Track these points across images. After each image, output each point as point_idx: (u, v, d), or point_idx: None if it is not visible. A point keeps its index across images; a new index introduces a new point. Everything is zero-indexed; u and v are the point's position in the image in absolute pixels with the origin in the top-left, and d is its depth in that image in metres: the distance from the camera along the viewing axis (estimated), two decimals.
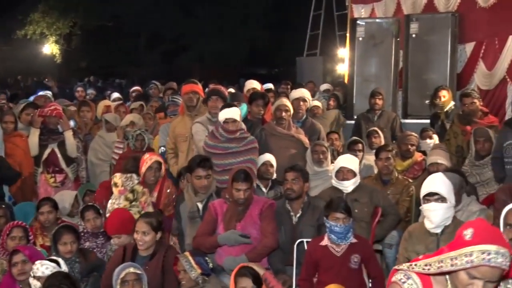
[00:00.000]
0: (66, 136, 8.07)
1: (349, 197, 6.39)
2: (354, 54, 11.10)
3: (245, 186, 5.85)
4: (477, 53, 10.64)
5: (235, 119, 6.88)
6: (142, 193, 6.68)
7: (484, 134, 7.35)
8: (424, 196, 5.09)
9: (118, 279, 5.09)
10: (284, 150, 7.43)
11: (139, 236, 5.58)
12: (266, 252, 5.87)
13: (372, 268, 5.59)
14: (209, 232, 5.92)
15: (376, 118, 9.28)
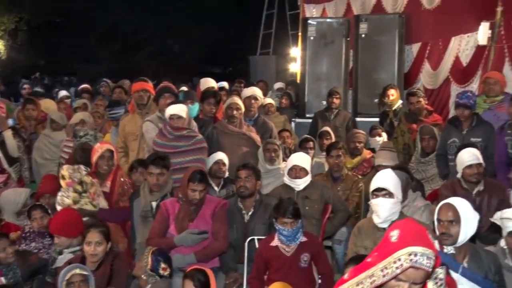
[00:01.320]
0: (5, 136, 7.90)
1: (300, 195, 6.44)
2: (306, 53, 11.14)
3: (201, 187, 5.79)
4: (422, 54, 10.80)
5: (180, 116, 6.84)
6: (91, 184, 6.43)
7: (429, 132, 7.50)
8: (373, 192, 5.15)
9: (64, 280, 4.96)
10: (236, 148, 7.41)
11: (92, 247, 5.34)
12: (215, 255, 5.85)
13: (322, 265, 5.62)
14: (162, 232, 5.85)
15: (332, 117, 9.37)
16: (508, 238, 4.64)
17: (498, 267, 4.52)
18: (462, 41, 9.66)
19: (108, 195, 6.60)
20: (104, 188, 6.63)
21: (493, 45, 8.69)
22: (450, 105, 9.56)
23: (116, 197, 6.63)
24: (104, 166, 6.67)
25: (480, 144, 6.79)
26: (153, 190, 6.22)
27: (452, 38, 9.87)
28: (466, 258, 4.47)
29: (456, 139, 7.16)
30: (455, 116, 7.43)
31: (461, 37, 9.68)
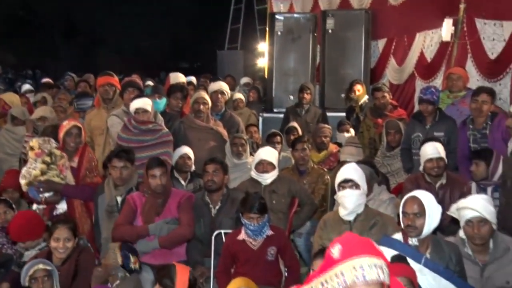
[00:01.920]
0: None
1: (267, 189, 6.50)
2: (273, 49, 11.15)
3: (160, 171, 5.83)
4: (388, 49, 10.91)
5: (146, 109, 6.87)
6: (61, 157, 6.32)
7: (395, 126, 7.61)
8: (339, 184, 5.23)
9: (27, 276, 4.95)
10: (203, 143, 7.44)
11: (60, 244, 5.30)
12: (178, 241, 5.85)
13: (288, 258, 5.69)
14: (129, 223, 5.86)
15: (303, 112, 9.37)
16: (466, 226, 4.73)
17: (459, 257, 4.62)
18: (426, 37, 9.78)
19: (76, 170, 6.50)
20: (72, 164, 6.50)
21: (456, 42, 8.81)
22: (415, 100, 9.60)
23: (83, 172, 6.53)
24: (71, 143, 6.49)
25: (443, 138, 6.90)
26: (118, 185, 6.21)
27: (417, 34, 10.00)
28: (429, 249, 4.57)
29: (420, 134, 7.26)
30: (419, 111, 7.50)
31: (425, 33, 9.80)
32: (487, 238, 4.71)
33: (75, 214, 6.39)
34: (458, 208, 4.82)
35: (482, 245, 4.73)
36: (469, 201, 4.75)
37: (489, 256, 4.72)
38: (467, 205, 4.72)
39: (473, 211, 4.66)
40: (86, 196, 6.52)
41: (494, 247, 4.75)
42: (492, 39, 8.16)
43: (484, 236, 4.68)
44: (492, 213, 4.69)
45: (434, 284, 4.37)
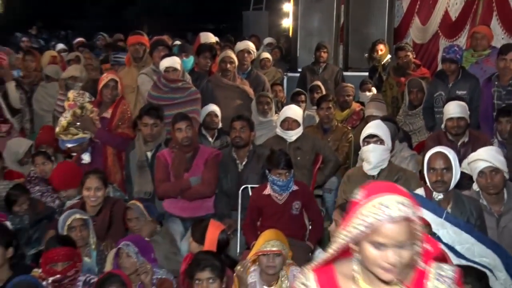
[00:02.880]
0: (8, 87, 7.90)
1: (292, 146, 6.53)
2: (298, 9, 11.11)
3: (185, 124, 5.91)
4: (412, 9, 10.80)
5: (175, 68, 6.88)
6: (91, 111, 6.51)
7: (417, 85, 7.55)
8: (364, 139, 5.24)
9: (65, 225, 5.03)
10: (230, 101, 7.47)
11: (92, 193, 5.44)
12: (197, 197, 5.96)
13: (312, 212, 5.74)
14: (168, 179, 5.97)
15: (321, 70, 9.36)
16: (478, 178, 4.73)
17: (480, 211, 4.63)
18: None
19: (109, 120, 6.66)
20: (106, 114, 6.69)
21: (482, 1, 8.69)
22: (438, 59, 9.54)
23: (115, 123, 6.68)
24: (108, 95, 6.72)
25: (465, 96, 6.83)
26: (147, 141, 6.28)
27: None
28: (450, 204, 4.58)
29: (442, 92, 7.19)
30: (442, 70, 7.46)
31: None
32: (501, 187, 4.73)
33: (107, 162, 6.55)
34: (469, 162, 4.83)
35: (497, 194, 4.75)
36: (479, 153, 4.76)
37: (504, 207, 4.74)
38: (478, 157, 4.73)
39: (484, 161, 4.67)
40: (117, 144, 6.65)
41: (508, 197, 4.77)
42: None
43: (497, 185, 4.69)
44: (503, 162, 4.70)
45: (455, 237, 4.38)
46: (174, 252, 5.41)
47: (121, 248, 4.59)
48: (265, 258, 4.38)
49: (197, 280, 4.06)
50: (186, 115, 6.08)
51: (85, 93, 6.69)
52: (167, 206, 6.02)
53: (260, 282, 4.46)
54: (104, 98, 6.73)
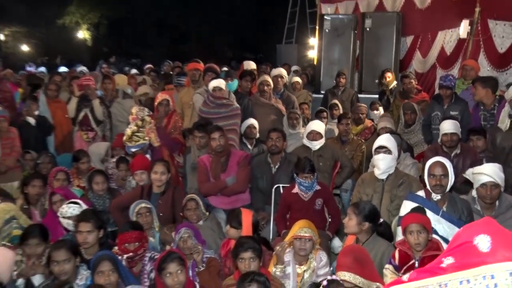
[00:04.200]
0: (94, 104, 7.98)
1: (316, 153, 6.51)
2: (322, 43, 11.05)
3: (218, 134, 5.94)
4: (415, 44, 10.69)
5: (220, 88, 6.94)
6: (149, 123, 6.67)
7: (410, 108, 7.48)
8: (376, 149, 5.23)
9: (134, 212, 5.14)
10: (266, 116, 7.47)
11: (158, 176, 5.61)
12: (232, 194, 5.98)
13: (331, 208, 5.72)
14: (208, 180, 6.00)
15: (340, 92, 9.31)
16: (480, 188, 4.66)
17: (469, 211, 4.58)
18: (446, 35, 9.57)
19: (164, 129, 6.94)
20: (162, 124, 6.95)
21: (472, 39, 8.60)
22: (435, 85, 9.47)
23: (169, 130, 7.00)
24: (162, 110, 7.07)
25: (457, 116, 6.75)
26: (199, 149, 6.34)
27: (439, 32, 9.78)
28: (445, 204, 4.53)
29: (438, 113, 7.12)
30: (438, 94, 7.38)
31: (446, 32, 9.59)
32: (496, 199, 4.66)
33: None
34: (474, 173, 4.75)
35: (491, 203, 4.68)
36: (485, 168, 4.66)
37: (495, 212, 4.65)
38: (483, 171, 4.64)
39: (488, 176, 4.60)
40: (171, 146, 6.82)
41: (499, 204, 4.69)
42: (501, 36, 7.95)
43: (494, 197, 4.64)
44: (502, 179, 4.63)
45: (449, 231, 4.35)
46: (220, 238, 5.43)
47: (181, 231, 4.63)
48: (299, 242, 4.41)
49: (241, 259, 4.08)
50: (219, 127, 6.10)
51: (145, 108, 6.88)
52: (211, 200, 6.03)
53: (293, 261, 4.47)
54: (160, 113, 7.03)
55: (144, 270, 4.50)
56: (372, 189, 5.22)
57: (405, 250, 4.08)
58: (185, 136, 7.11)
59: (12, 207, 5.24)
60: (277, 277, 4.36)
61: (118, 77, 9.90)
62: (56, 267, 4.03)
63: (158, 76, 11.24)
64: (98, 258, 4.01)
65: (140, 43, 29.41)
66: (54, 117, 7.89)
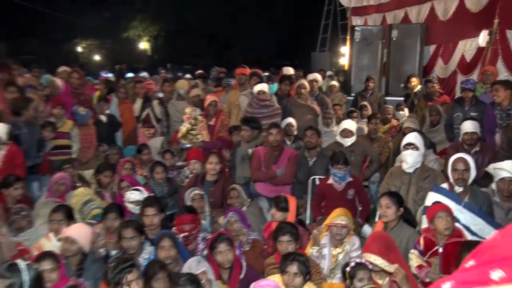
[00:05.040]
0: (154, 104, 8.08)
1: (348, 149, 6.42)
2: (353, 51, 10.92)
3: (275, 131, 5.94)
4: (437, 52, 10.43)
5: (264, 91, 6.96)
6: (201, 121, 6.78)
7: (435, 110, 7.32)
8: (404, 145, 5.13)
9: (189, 198, 5.19)
10: (303, 116, 7.41)
11: (212, 166, 5.65)
12: (280, 184, 5.96)
13: (362, 197, 5.65)
14: (260, 168, 5.99)
15: (368, 95, 9.18)
16: (499, 182, 4.56)
17: (489, 202, 4.48)
18: (467, 44, 9.34)
19: (213, 127, 6.94)
20: (211, 122, 6.96)
21: (490, 47, 8.36)
22: (456, 89, 9.27)
23: (218, 128, 6.97)
24: (211, 110, 7.03)
25: (477, 117, 6.58)
26: (248, 142, 6.33)
27: (460, 41, 9.55)
28: (467, 196, 4.43)
29: (459, 114, 6.96)
30: (460, 97, 7.23)
31: (466, 41, 9.36)
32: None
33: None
34: (495, 168, 4.64)
35: (508, 197, 4.55)
36: (505, 164, 4.57)
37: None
38: (503, 167, 4.56)
39: (507, 172, 4.51)
40: (218, 146, 6.79)
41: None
42: None
43: (511, 191, 4.52)
44: None
45: (471, 220, 4.24)
46: (262, 222, 5.41)
47: (228, 215, 4.64)
48: (335, 228, 4.36)
49: (280, 242, 4.07)
50: (278, 124, 6.11)
51: (197, 109, 6.99)
52: (258, 188, 6.03)
53: (329, 244, 4.42)
54: (209, 112, 7.02)
55: (197, 248, 4.54)
56: (400, 181, 5.12)
57: (430, 237, 4.01)
58: (231, 132, 7.11)
59: (89, 191, 5.43)
60: (314, 257, 4.33)
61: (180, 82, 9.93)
62: (124, 242, 4.11)
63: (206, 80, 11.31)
64: (160, 236, 4.07)
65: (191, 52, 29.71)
66: (122, 115, 8.02)
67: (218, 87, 9.43)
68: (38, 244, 4.52)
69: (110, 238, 4.60)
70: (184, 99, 8.31)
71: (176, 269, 3.97)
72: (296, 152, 6.23)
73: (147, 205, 4.59)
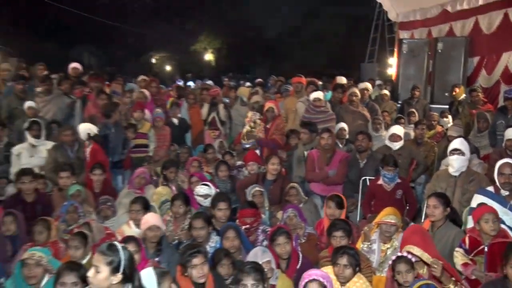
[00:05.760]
0: (219, 108, 8.14)
1: (396, 153, 6.25)
2: (400, 62, 10.63)
3: (327, 135, 5.88)
4: (481, 64, 9.95)
5: (320, 98, 6.91)
6: (259, 125, 6.81)
7: (483, 116, 7.00)
8: (451, 151, 4.95)
9: (250, 194, 5.20)
10: (354, 121, 7.26)
11: (274, 166, 5.61)
12: (332, 183, 5.86)
13: (409, 197, 5.51)
14: (314, 169, 5.93)
15: (414, 103, 8.90)
16: None
17: None
18: (511, 56, 8.87)
19: (268, 129, 6.89)
20: (268, 125, 6.92)
21: None
22: (499, 98, 8.82)
23: (272, 131, 6.86)
24: (269, 115, 6.94)
25: None
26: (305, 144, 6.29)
27: (503, 53, 9.07)
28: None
29: (503, 121, 6.67)
30: (503, 105, 6.95)
31: (510, 53, 8.89)
32: None
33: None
34: None
35: None
36: None
37: None
38: None
39: None
40: (270, 146, 6.79)
41: None
42: None
43: None
44: None
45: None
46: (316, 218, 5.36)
47: (288, 211, 4.62)
48: (385, 226, 4.26)
49: (333, 237, 4.02)
50: (330, 129, 6.04)
51: (257, 113, 7.01)
52: (312, 187, 5.97)
53: (379, 240, 4.33)
54: (268, 116, 6.95)
55: (257, 239, 4.55)
56: (446, 183, 4.94)
57: (475, 237, 3.85)
58: (288, 136, 7.07)
59: (167, 191, 5.53)
60: (364, 252, 4.24)
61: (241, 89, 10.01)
62: (194, 231, 4.19)
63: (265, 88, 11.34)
64: (226, 227, 4.12)
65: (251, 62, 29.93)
66: (191, 118, 8.14)
67: (276, 94, 9.44)
68: (121, 229, 4.68)
69: (177, 225, 4.68)
70: (246, 104, 8.36)
71: (239, 257, 4.01)
72: (347, 154, 6.13)
73: (220, 200, 4.65)
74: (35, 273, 3.55)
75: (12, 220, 4.47)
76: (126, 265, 2.63)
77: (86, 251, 3.96)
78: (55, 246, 3.81)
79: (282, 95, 8.73)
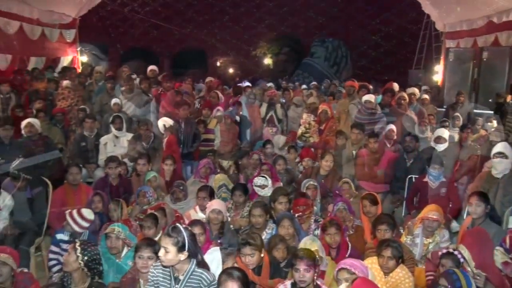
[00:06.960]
0: (276, 107, 8.07)
1: (441, 153, 5.96)
2: (446, 69, 10.19)
3: (373, 140, 5.73)
4: None
5: (371, 101, 6.71)
6: (313, 126, 6.78)
7: None
8: (494, 154, 4.68)
9: (304, 186, 5.10)
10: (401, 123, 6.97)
11: (328, 163, 5.54)
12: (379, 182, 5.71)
13: (452, 196, 5.23)
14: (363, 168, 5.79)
15: (459, 108, 8.43)
16: None
17: None
18: None
19: (322, 131, 6.84)
20: (321, 127, 6.87)
21: None
22: None
23: (326, 132, 6.80)
24: (322, 117, 6.89)
25: None
26: (353, 144, 6.13)
27: None
28: None
29: None
30: None
31: None
32: None
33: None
34: None
35: None
36: None
37: None
38: None
39: None
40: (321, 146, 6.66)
41: None
42: None
43: None
44: None
45: None
46: None
47: (338, 204, 4.53)
48: (427, 221, 4.09)
49: (378, 230, 3.92)
50: (376, 134, 5.87)
51: (312, 115, 6.92)
52: (362, 184, 5.81)
53: (421, 235, 4.16)
54: (321, 118, 6.88)
55: (310, 228, 4.48)
56: (489, 184, 4.66)
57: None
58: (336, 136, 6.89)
59: (224, 177, 5.56)
60: (407, 245, 4.08)
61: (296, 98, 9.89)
62: (253, 219, 4.18)
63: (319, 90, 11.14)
64: (281, 216, 4.09)
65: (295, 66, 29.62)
66: (251, 116, 8.10)
67: (330, 96, 9.26)
68: (188, 213, 4.77)
69: (238, 213, 4.69)
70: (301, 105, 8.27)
71: (293, 244, 3.97)
72: (395, 154, 5.92)
73: (283, 193, 4.61)
74: (116, 244, 3.70)
75: (99, 199, 4.68)
76: (190, 243, 2.67)
77: (157, 230, 4.07)
78: (127, 223, 3.95)
79: (335, 97, 8.55)
